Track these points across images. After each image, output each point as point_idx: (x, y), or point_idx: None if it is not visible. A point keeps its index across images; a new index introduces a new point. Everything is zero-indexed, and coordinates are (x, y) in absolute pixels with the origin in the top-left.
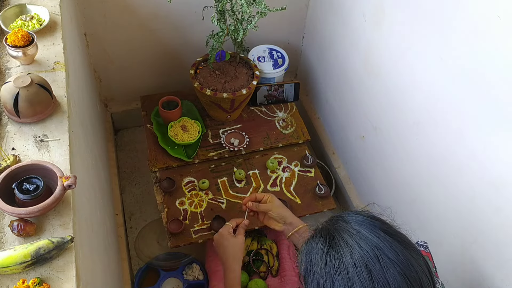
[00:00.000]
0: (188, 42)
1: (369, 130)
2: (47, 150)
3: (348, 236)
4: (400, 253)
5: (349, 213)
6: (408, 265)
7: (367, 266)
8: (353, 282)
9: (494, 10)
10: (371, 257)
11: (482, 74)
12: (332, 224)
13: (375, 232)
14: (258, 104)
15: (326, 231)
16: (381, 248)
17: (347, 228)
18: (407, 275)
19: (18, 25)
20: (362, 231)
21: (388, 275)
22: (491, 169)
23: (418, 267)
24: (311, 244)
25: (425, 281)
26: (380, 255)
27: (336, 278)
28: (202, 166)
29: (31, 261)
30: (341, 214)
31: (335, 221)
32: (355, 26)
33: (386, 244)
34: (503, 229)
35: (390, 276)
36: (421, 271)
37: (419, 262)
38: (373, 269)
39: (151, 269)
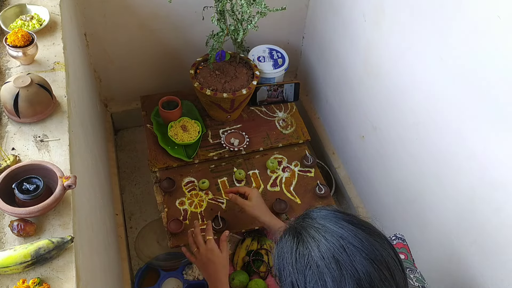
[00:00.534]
0: (188, 42)
1: (369, 130)
2: (47, 150)
3: (314, 231)
4: (364, 240)
5: (314, 209)
6: (373, 250)
7: (334, 256)
8: (323, 274)
9: (494, 10)
10: (337, 248)
11: (482, 74)
12: (298, 222)
13: (338, 223)
14: (258, 104)
15: (293, 229)
16: (345, 238)
17: (313, 224)
18: (373, 259)
19: (18, 25)
20: (327, 224)
21: (355, 262)
22: (491, 169)
23: (383, 250)
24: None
25: (391, 262)
26: (345, 244)
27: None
28: (202, 166)
29: (31, 261)
30: (306, 212)
31: (302, 219)
32: (355, 26)
33: (350, 233)
34: (502, 229)
35: (357, 262)
36: (386, 254)
37: (384, 246)
38: (340, 259)
39: (151, 269)
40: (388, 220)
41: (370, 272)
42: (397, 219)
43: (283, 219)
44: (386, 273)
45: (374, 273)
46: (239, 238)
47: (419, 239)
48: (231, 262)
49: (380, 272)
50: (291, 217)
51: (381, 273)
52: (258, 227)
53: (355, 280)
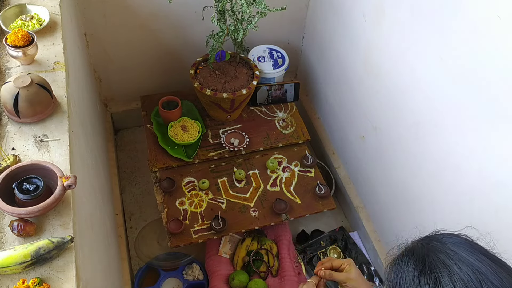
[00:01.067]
0: (188, 42)
1: (369, 130)
2: (47, 150)
3: (445, 256)
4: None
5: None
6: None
7: None
8: None
9: (494, 10)
10: (473, 281)
11: (482, 74)
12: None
13: (475, 255)
14: (258, 104)
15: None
16: (483, 273)
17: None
18: None
19: (18, 25)
20: (461, 253)
21: None
22: (490, 169)
23: None
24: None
25: None
26: (482, 279)
27: None
28: (202, 166)
29: (31, 261)
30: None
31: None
32: (355, 26)
33: (488, 269)
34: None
35: None
36: None
37: None
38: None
39: (151, 269)
40: (388, 220)
41: None
42: (397, 219)
43: (283, 219)
44: None
45: None
46: (239, 238)
47: None
48: (231, 262)
49: None
50: (292, 217)
51: None
52: (258, 227)
53: None
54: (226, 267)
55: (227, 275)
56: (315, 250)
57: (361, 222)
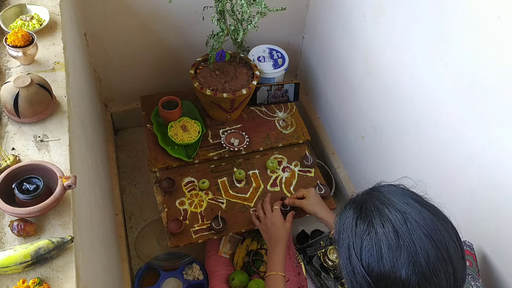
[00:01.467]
0: (188, 42)
1: (369, 130)
2: (47, 150)
3: (379, 202)
4: (427, 218)
5: (383, 184)
6: (434, 229)
7: (394, 227)
8: (380, 241)
9: (494, 10)
10: (399, 219)
11: (482, 74)
12: (365, 193)
13: (404, 199)
14: (258, 104)
15: (359, 198)
16: (409, 213)
17: (379, 196)
18: (433, 237)
19: (18, 25)
20: (393, 198)
21: (414, 236)
22: (490, 169)
23: (445, 232)
24: (345, 212)
25: (451, 245)
26: (407, 218)
27: (364, 238)
28: (202, 166)
29: (31, 261)
30: (375, 186)
31: (369, 191)
32: (355, 26)
33: (414, 210)
34: (503, 228)
35: (416, 237)
36: (448, 237)
37: (447, 228)
38: (400, 230)
39: (151, 269)
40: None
41: (427, 249)
42: None
43: None
44: (444, 254)
45: (432, 250)
46: (239, 238)
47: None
48: (231, 262)
49: (438, 251)
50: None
51: (439, 253)
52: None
53: (411, 253)
54: (226, 267)
55: (227, 275)
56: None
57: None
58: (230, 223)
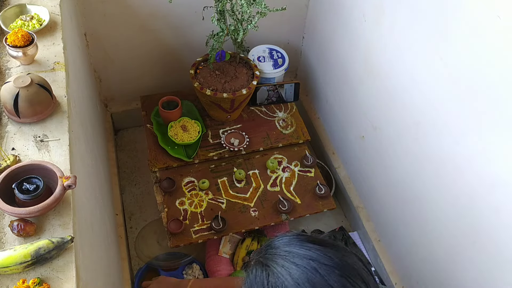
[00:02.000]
0: (188, 42)
1: (369, 130)
2: (47, 150)
3: (282, 259)
4: (334, 257)
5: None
6: (345, 266)
7: (310, 280)
8: None
9: (494, 10)
10: (310, 271)
11: (482, 74)
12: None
13: (304, 246)
14: (258, 104)
15: (259, 263)
16: (315, 259)
17: (278, 252)
18: (347, 275)
19: (18, 25)
20: (293, 250)
21: (330, 281)
22: (491, 169)
23: (354, 264)
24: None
25: (363, 273)
26: (317, 265)
27: None
28: (202, 166)
29: (31, 261)
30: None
31: (264, 251)
32: (355, 26)
33: (318, 253)
34: (503, 229)
35: (332, 281)
36: (358, 267)
37: (354, 260)
38: (316, 281)
39: (151, 269)
40: (388, 220)
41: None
42: (397, 219)
43: (283, 219)
44: (362, 285)
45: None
46: (239, 238)
47: (419, 239)
48: (231, 262)
49: (356, 286)
50: (292, 217)
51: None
52: (258, 227)
53: None
54: (226, 267)
55: (227, 275)
56: None
57: (361, 222)
58: (230, 223)
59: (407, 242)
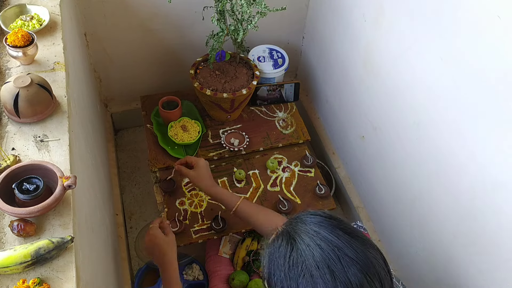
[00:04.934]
0: (188, 42)
1: (369, 130)
2: (47, 150)
3: (309, 238)
4: (359, 251)
5: (307, 214)
6: (367, 262)
7: (329, 267)
8: (317, 284)
9: (494, 10)
10: (333, 258)
11: (482, 74)
12: (292, 226)
13: (334, 232)
14: (258, 104)
15: (286, 234)
16: (341, 248)
17: (307, 230)
18: (367, 271)
19: (18, 25)
20: (322, 232)
21: (349, 274)
22: (491, 170)
23: (376, 262)
24: (273, 249)
25: (382, 274)
26: (340, 255)
27: (300, 281)
28: None
29: (31, 261)
30: (299, 215)
31: (295, 223)
32: (355, 26)
33: (345, 244)
34: (503, 229)
35: (351, 274)
36: (378, 266)
37: (377, 257)
38: (335, 270)
39: (151, 269)
40: (388, 220)
41: (362, 284)
42: (397, 219)
43: None
44: (378, 285)
45: (366, 285)
46: (239, 238)
47: (419, 239)
48: (231, 262)
49: (372, 284)
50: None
51: (373, 285)
52: None
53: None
54: (226, 267)
55: (227, 275)
56: None
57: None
58: (230, 223)
59: (407, 242)
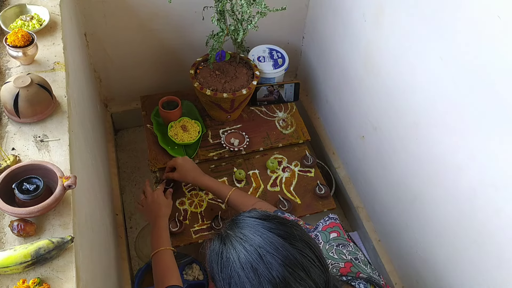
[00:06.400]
0: (188, 42)
1: (369, 130)
2: (47, 150)
3: (236, 241)
4: (279, 246)
5: (241, 215)
6: (287, 255)
7: (253, 266)
8: (244, 284)
9: (494, 10)
10: (255, 257)
11: (482, 74)
12: (226, 229)
13: (258, 231)
14: (258, 104)
15: (221, 237)
16: (262, 246)
17: (236, 233)
18: (287, 263)
19: (18, 25)
20: (247, 233)
21: (271, 269)
22: (490, 169)
23: (297, 253)
24: (210, 251)
25: (305, 263)
26: (262, 252)
27: (231, 282)
28: (202, 166)
29: (31, 261)
30: (234, 217)
31: (229, 226)
32: (355, 26)
33: (266, 241)
34: (503, 229)
35: (273, 269)
36: (300, 256)
37: (299, 248)
38: (258, 268)
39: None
40: (388, 220)
41: (285, 276)
42: (397, 219)
43: None
44: (302, 274)
45: (289, 276)
46: None
47: (419, 239)
48: None
49: (295, 274)
50: None
51: (296, 275)
52: None
53: (272, 285)
54: None
55: None
56: None
57: (361, 222)
58: None
59: (407, 242)
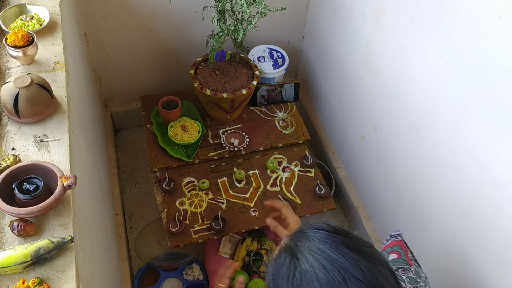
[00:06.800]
0: (188, 42)
1: (369, 130)
2: (47, 150)
3: (312, 256)
4: (366, 271)
5: (310, 228)
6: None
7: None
8: None
9: (494, 10)
10: (338, 280)
11: (482, 74)
12: (295, 242)
13: (338, 249)
14: (258, 104)
15: (290, 251)
16: (347, 269)
17: (310, 247)
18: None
19: (18, 25)
20: (326, 249)
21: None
22: (491, 169)
23: (384, 281)
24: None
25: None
26: (347, 276)
27: None
28: (202, 166)
29: (31, 261)
30: (302, 229)
31: (297, 239)
32: (355, 26)
33: (351, 263)
34: (503, 229)
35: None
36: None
37: (385, 274)
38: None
39: (151, 269)
40: (388, 220)
41: None
42: (397, 219)
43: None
44: None
45: None
46: (239, 238)
47: (419, 239)
48: None
49: None
50: None
51: None
52: (258, 227)
53: None
54: None
55: None
56: None
57: (361, 222)
58: (230, 223)
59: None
